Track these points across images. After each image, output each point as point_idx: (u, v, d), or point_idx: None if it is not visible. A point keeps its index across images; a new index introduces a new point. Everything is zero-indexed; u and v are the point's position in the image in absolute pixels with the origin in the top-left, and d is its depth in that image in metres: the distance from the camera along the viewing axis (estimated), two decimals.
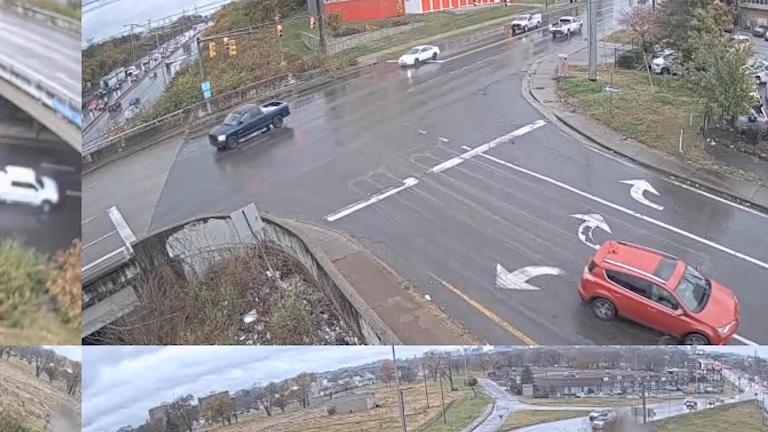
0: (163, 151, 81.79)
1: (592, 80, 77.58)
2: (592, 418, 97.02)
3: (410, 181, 54.92)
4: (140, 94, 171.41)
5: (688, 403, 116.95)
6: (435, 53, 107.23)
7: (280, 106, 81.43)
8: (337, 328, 42.34)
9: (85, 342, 43.16)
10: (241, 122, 75.78)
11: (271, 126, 78.60)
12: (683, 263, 35.35)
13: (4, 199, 46.03)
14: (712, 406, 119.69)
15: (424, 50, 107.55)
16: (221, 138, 74.46)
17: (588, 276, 35.63)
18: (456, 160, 57.79)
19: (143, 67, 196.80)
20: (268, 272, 47.29)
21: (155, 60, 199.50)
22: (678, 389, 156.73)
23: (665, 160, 54.01)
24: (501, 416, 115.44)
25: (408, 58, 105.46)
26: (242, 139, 75.20)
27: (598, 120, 64.13)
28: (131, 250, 52.58)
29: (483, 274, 40.20)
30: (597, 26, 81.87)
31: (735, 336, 32.84)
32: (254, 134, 76.79)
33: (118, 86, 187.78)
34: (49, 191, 46.89)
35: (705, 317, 32.55)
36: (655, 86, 72.07)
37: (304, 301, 43.06)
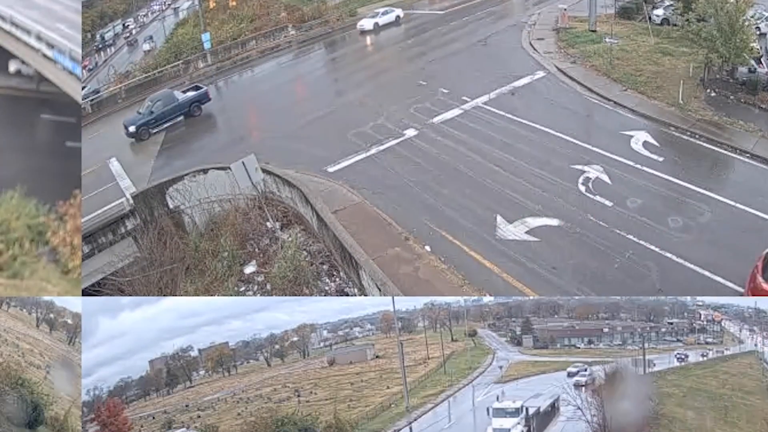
0: None
1: (592, 31, 76.98)
2: (570, 374, 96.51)
3: (410, 132, 54.72)
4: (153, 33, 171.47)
5: (678, 356, 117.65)
6: (398, 16, 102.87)
7: (199, 91, 76.26)
8: (337, 279, 42.41)
9: (85, 293, 43.22)
10: (152, 112, 71.61)
11: (189, 113, 73.80)
12: None
13: None
14: (705, 358, 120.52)
15: (385, 14, 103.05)
16: (131, 129, 70.79)
17: (764, 285, 34.35)
18: (456, 111, 57.53)
19: (141, 20, 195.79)
20: (268, 223, 47.28)
21: (153, 13, 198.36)
22: (678, 340, 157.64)
23: (665, 111, 53.74)
24: (501, 367, 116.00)
25: (367, 23, 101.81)
26: (155, 130, 71.19)
27: (598, 71, 63.71)
28: (131, 201, 52.53)
29: (483, 225, 40.14)
30: None
31: (735, 287, 32.85)
32: (167, 125, 72.27)
33: (112, 42, 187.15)
34: None
35: None
36: (655, 37, 71.49)
37: (304, 252, 43.09)
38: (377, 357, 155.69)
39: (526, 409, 52.37)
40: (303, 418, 67.12)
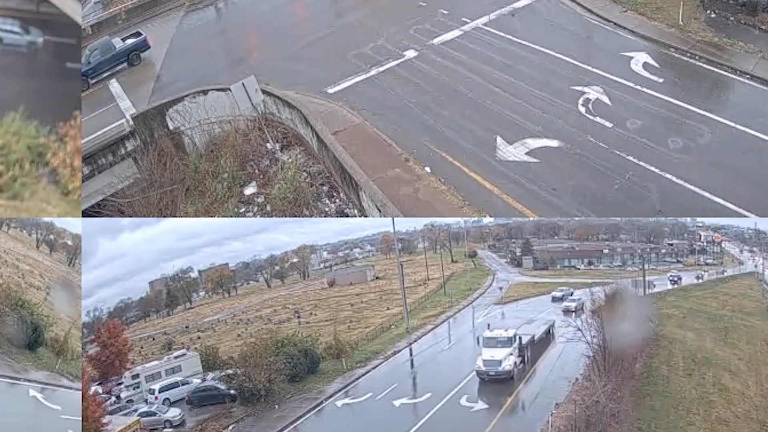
0: (164, 23, 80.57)
1: None
2: (554, 299, 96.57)
3: (410, 53, 54.38)
4: None
5: (671, 278, 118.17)
6: None
7: (138, 39, 72.44)
8: (337, 200, 42.49)
9: (85, 214, 43.32)
10: (90, 62, 67.95)
11: (127, 63, 70.63)
12: None
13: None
14: (700, 280, 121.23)
15: None
16: None
17: None
18: (456, 32, 57.05)
19: None
20: (268, 144, 47.22)
21: None
22: (678, 261, 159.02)
23: (665, 32, 53.28)
24: (501, 288, 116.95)
25: None
26: (93, 80, 67.90)
27: None
28: (131, 122, 52.37)
29: (483, 146, 40.10)
30: None
31: (735, 208, 32.91)
32: (106, 74, 69.10)
33: None
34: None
35: None
36: None
37: (304, 173, 43.13)
38: (377, 278, 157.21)
39: (519, 338, 56.33)
40: (303, 338, 67.90)
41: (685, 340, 64.43)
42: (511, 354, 53.33)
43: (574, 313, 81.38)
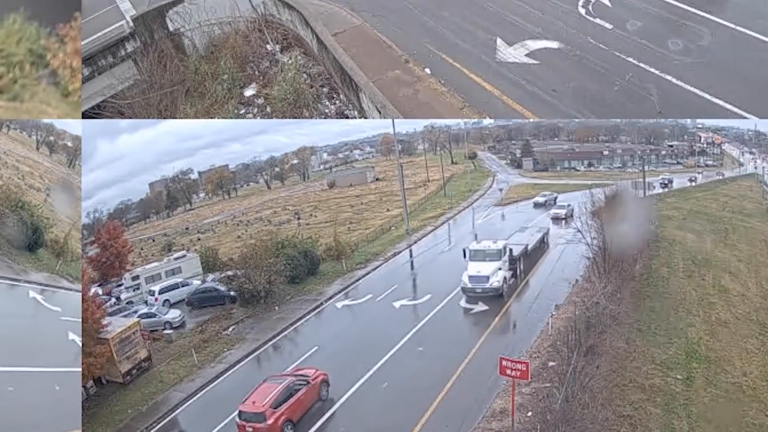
0: None
1: None
2: (537, 204, 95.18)
3: None
4: None
5: (662, 182, 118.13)
6: None
7: None
8: (337, 102, 42.43)
9: (85, 116, 43.25)
10: None
11: None
12: None
13: None
14: (693, 183, 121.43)
15: None
16: None
17: None
18: None
19: None
20: (268, 46, 46.95)
21: None
22: (678, 162, 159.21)
23: None
24: (501, 189, 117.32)
25: None
26: None
27: None
28: (131, 24, 51.87)
29: (483, 47, 39.80)
30: None
31: (735, 109, 32.92)
32: None
33: None
34: None
35: None
36: None
37: (304, 75, 42.97)
38: (377, 179, 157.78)
39: (510, 250, 55.38)
40: (303, 240, 68.43)
41: (685, 242, 64.90)
42: (500, 269, 51.68)
43: (564, 221, 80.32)
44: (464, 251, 54.89)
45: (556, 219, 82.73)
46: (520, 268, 57.28)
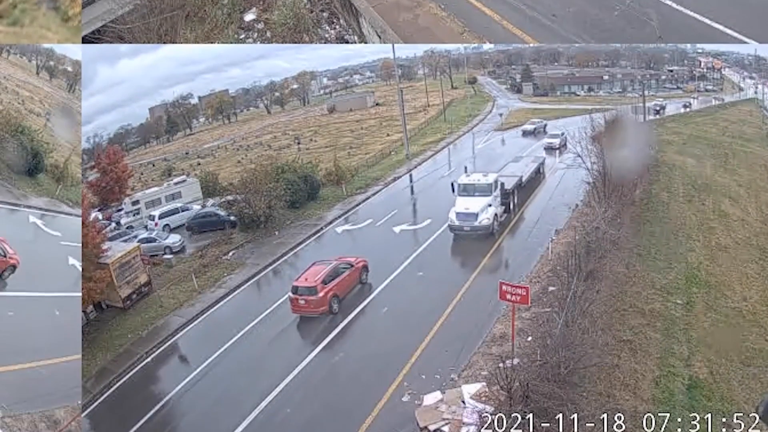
0: None
1: None
2: (525, 132, 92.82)
3: None
4: None
5: (654, 107, 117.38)
6: None
7: None
8: (337, 27, 42.22)
9: (85, 40, 43.01)
10: None
11: None
12: None
13: None
14: (687, 109, 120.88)
15: None
16: None
17: None
18: None
19: None
20: None
21: None
22: (678, 87, 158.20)
23: None
24: (501, 114, 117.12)
25: None
26: None
27: None
28: None
29: None
30: None
31: (735, 34, 32.82)
32: None
33: None
34: None
35: None
36: None
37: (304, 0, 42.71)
38: (377, 104, 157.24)
39: (502, 184, 52.57)
40: (303, 165, 68.55)
41: (685, 167, 64.97)
42: (491, 205, 48.98)
43: (557, 151, 76.94)
44: (452, 185, 51.93)
45: (549, 149, 78.98)
46: (514, 201, 54.51)
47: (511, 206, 53.69)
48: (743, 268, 42.90)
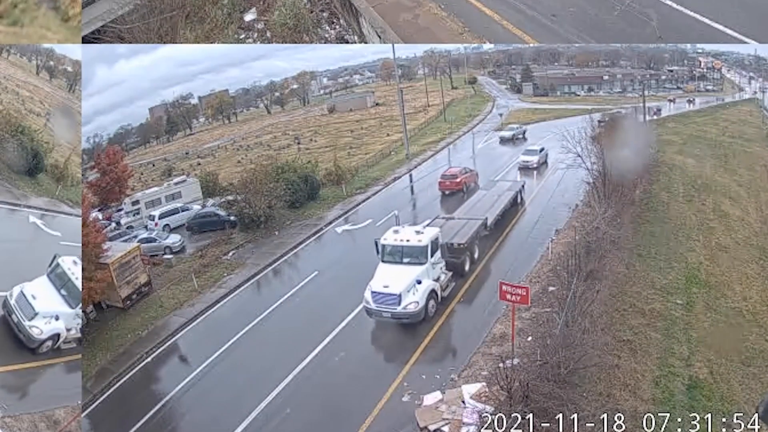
0: None
1: None
2: (503, 140, 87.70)
3: None
4: None
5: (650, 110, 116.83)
6: None
7: None
8: (337, 27, 42.24)
9: (85, 40, 43.03)
10: None
11: None
12: None
13: None
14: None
15: None
16: None
17: None
18: None
19: None
20: None
21: None
22: (678, 87, 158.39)
23: None
24: (501, 114, 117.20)
25: None
26: None
27: None
28: None
29: None
30: None
31: (735, 34, 32.83)
32: None
33: None
34: None
35: None
36: None
37: (304, 0, 42.72)
38: (377, 104, 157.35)
39: (450, 244, 40.98)
40: (303, 165, 68.64)
41: (685, 167, 65.00)
42: (421, 281, 35.72)
43: (536, 171, 67.62)
44: (376, 245, 38.49)
45: (524, 169, 67.97)
46: (473, 257, 42.82)
47: (465, 266, 41.74)
48: (743, 268, 42.93)
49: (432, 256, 36.94)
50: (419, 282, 35.31)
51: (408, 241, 37.18)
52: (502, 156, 72.55)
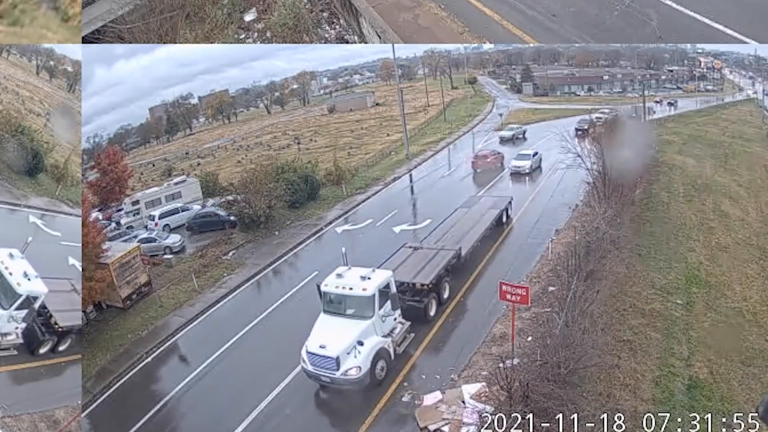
0: None
1: None
2: (503, 140, 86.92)
3: None
4: None
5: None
6: None
7: None
8: (337, 27, 42.23)
9: (85, 40, 43.02)
10: None
11: None
12: None
13: None
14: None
15: None
16: None
17: None
18: None
19: None
20: None
21: None
22: (678, 87, 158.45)
23: None
24: (501, 114, 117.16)
25: None
26: None
27: None
28: None
29: None
30: None
31: (735, 34, 32.83)
32: None
33: None
34: None
35: None
36: None
37: (304, 0, 42.72)
38: (377, 104, 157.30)
39: (409, 284, 36.14)
40: (303, 165, 68.64)
41: (685, 167, 64.96)
42: (363, 342, 29.59)
43: (528, 177, 65.13)
44: (318, 289, 32.63)
45: (516, 175, 65.81)
46: (440, 298, 37.08)
47: (430, 311, 35.86)
48: (743, 268, 42.92)
49: (381, 308, 31.02)
50: (361, 344, 29.42)
51: (351, 289, 31.13)
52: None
